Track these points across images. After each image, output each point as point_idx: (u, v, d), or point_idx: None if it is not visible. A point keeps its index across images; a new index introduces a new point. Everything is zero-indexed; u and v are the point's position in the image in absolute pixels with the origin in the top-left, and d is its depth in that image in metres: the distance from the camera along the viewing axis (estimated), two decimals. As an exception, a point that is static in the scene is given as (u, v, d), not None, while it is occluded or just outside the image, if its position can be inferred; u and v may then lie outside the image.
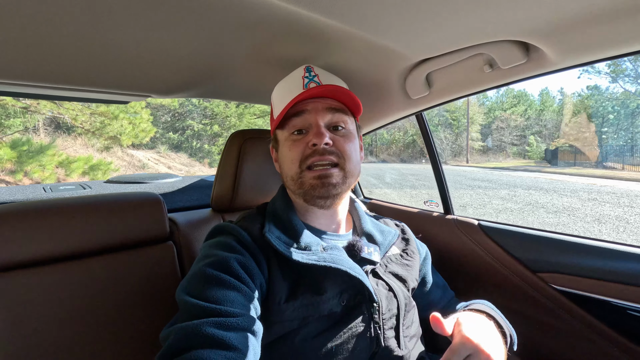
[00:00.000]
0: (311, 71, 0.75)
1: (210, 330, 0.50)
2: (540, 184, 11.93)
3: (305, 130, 0.72)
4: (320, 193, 0.69)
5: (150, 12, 0.60)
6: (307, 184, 0.69)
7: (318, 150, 0.68)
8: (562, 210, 7.86)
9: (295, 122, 0.71)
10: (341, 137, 0.72)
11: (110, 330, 0.81)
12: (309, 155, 0.69)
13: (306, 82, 0.73)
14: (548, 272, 0.96)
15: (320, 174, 0.68)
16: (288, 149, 0.72)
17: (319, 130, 0.69)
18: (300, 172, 0.70)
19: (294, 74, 0.77)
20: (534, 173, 16.22)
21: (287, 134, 0.73)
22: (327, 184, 0.68)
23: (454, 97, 0.98)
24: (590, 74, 21.14)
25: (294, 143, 0.71)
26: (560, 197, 9.33)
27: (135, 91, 1.05)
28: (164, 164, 12.79)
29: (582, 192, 10.06)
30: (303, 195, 0.72)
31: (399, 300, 0.70)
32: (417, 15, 0.61)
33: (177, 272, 0.93)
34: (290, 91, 0.73)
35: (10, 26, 0.62)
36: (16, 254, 0.75)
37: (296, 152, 0.70)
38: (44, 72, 0.85)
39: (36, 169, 6.22)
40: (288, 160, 0.72)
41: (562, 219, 7.07)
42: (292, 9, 0.59)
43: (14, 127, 7.86)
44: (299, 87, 0.73)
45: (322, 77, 0.75)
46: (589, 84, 30.57)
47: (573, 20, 0.60)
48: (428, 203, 1.36)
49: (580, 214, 7.50)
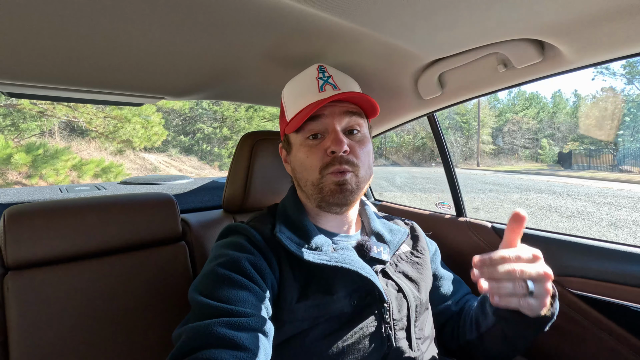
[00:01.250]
0: (325, 71, 0.73)
1: (222, 330, 0.50)
2: (553, 188, 11.72)
3: (321, 135, 0.70)
4: (338, 200, 0.68)
5: (164, 15, 0.61)
6: (327, 189, 0.68)
7: (337, 158, 0.67)
8: (576, 214, 7.70)
9: (312, 126, 0.69)
10: (357, 142, 0.71)
11: (124, 328, 0.81)
12: (329, 163, 0.68)
13: (321, 84, 0.71)
14: (564, 275, 0.93)
15: (339, 180, 0.68)
16: (305, 155, 0.70)
17: (338, 137, 0.67)
18: (321, 177, 0.69)
19: (306, 73, 0.75)
20: (547, 176, 15.94)
21: (302, 138, 0.71)
22: (344, 190, 0.68)
23: (467, 97, 0.96)
24: (604, 76, 20.71)
25: (311, 149, 0.70)
26: (574, 201, 9.15)
27: (148, 93, 1.07)
28: (175, 167, 12.96)
29: (598, 196, 9.85)
30: (319, 201, 0.71)
31: (408, 301, 0.69)
32: (430, 14, 0.61)
33: (189, 271, 0.94)
34: (304, 93, 0.72)
35: (27, 30, 0.64)
36: (33, 252, 0.76)
37: (315, 159, 0.69)
38: (59, 75, 0.87)
39: (50, 173, 6.35)
40: (307, 167, 0.70)
41: (576, 224, 6.93)
42: (304, 9, 0.59)
43: (30, 130, 8.06)
44: (314, 89, 0.71)
45: (337, 78, 0.73)
46: (604, 85, 29.95)
47: (591, 17, 0.59)
48: (440, 205, 1.35)
49: (595, 218, 7.34)
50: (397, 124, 1.26)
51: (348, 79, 0.76)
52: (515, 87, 0.86)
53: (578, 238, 0.95)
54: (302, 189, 0.74)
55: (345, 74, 0.77)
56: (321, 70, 0.73)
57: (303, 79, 0.75)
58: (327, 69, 0.74)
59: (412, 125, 23.57)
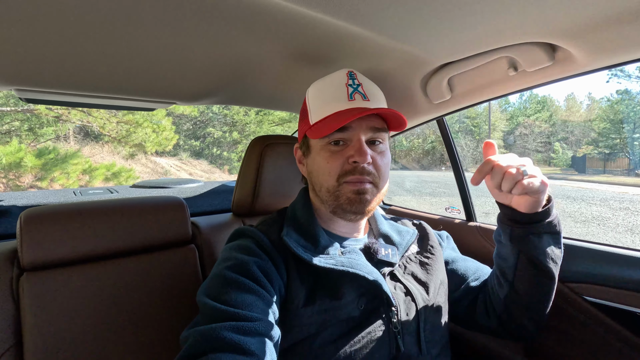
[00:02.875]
0: (355, 78, 0.71)
1: (228, 334, 0.50)
2: (567, 192, 11.47)
3: (344, 142, 0.69)
4: (355, 208, 0.68)
5: (176, 21, 0.63)
6: (344, 197, 0.68)
7: (358, 168, 0.67)
8: (591, 219, 7.51)
9: (337, 135, 0.68)
10: (378, 154, 0.70)
11: (134, 330, 0.83)
12: (349, 172, 0.67)
13: (350, 92, 0.69)
14: (577, 282, 0.91)
15: (359, 189, 0.67)
16: (325, 160, 0.69)
17: (362, 148, 0.66)
18: (338, 185, 0.68)
19: (335, 77, 0.73)
20: (560, 181, 15.63)
21: (324, 143, 0.70)
22: (363, 200, 0.67)
23: (476, 101, 0.96)
24: (619, 78, 20.28)
25: (333, 155, 0.69)
26: (589, 206, 8.93)
27: (160, 98, 1.09)
28: (186, 170, 13.12)
29: (613, 201, 9.60)
30: (334, 208, 0.70)
31: (417, 304, 0.69)
32: (439, 18, 0.61)
33: (198, 274, 0.95)
34: (333, 99, 0.70)
35: (44, 39, 0.66)
36: (48, 254, 0.78)
37: (335, 165, 0.68)
38: (74, 81, 0.89)
39: (60, 177, 6.45)
40: (325, 172, 0.69)
41: (591, 229, 6.76)
42: (316, 16, 0.60)
43: (47, 135, 8.27)
44: (343, 96, 0.69)
45: (366, 87, 0.71)
46: (619, 88, 29.35)
47: (601, 20, 0.58)
48: (450, 210, 1.33)
49: (611, 223, 7.15)
50: (406, 127, 1.25)
51: (376, 89, 0.75)
52: (526, 90, 0.85)
53: (592, 244, 0.93)
54: (317, 193, 0.74)
55: (373, 83, 0.75)
56: (351, 77, 0.71)
57: (331, 82, 0.73)
58: (357, 76, 0.72)
59: (422, 129, 23.40)
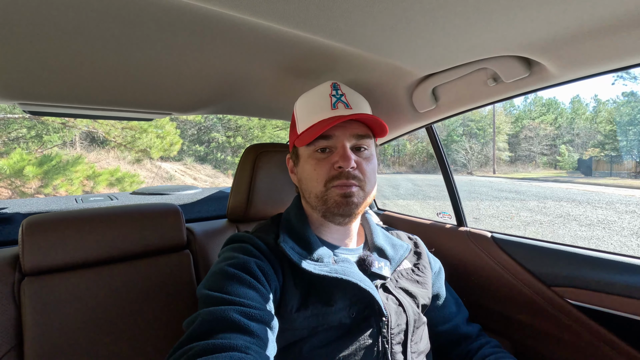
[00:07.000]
0: (338, 89, 0.75)
1: (236, 316, 0.52)
2: (572, 195, 11.39)
3: (329, 149, 0.72)
4: (343, 211, 0.70)
5: (173, 39, 0.67)
6: (332, 201, 0.70)
7: (343, 173, 0.69)
8: (596, 223, 7.44)
9: (322, 143, 0.71)
10: (364, 159, 0.72)
11: (129, 334, 0.85)
12: (335, 177, 0.70)
13: (334, 102, 0.73)
14: (564, 286, 0.93)
15: (345, 192, 0.69)
16: (312, 167, 0.72)
17: (346, 153, 0.69)
18: (325, 190, 0.71)
19: (320, 89, 0.76)
20: (566, 184, 15.50)
21: (311, 151, 0.73)
22: (350, 203, 0.69)
23: (460, 110, 0.99)
24: (625, 80, 20.11)
25: (319, 162, 0.71)
26: (594, 209, 8.86)
27: (158, 109, 1.14)
28: (190, 175, 13.20)
29: (619, 204, 9.51)
30: (324, 212, 0.72)
31: (408, 316, 0.70)
32: (420, 33, 0.64)
33: (192, 279, 0.98)
34: (317, 109, 0.73)
35: (46, 55, 0.71)
36: (48, 260, 0.81)
37: (322, 171, 0.71)
38: (75, 94, 0.94)
39: (63, 184, 6.46)
40: (312, 179, 0.72)
41: (596, 233, 6.70)
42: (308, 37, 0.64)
43: (53, 141, 8.39)
44: (327, 105, 0.73)
45: (349, 96, 0.75)
46: (625, 90, 29.06)
47: (570, 35, 0.61)
48: (441, 215, 1.36)
49: (616, 227, 7.08)
50: (395, 136, 1.29)
51: (360, 98, 0.78)
52: (506, 100, 0.88)
53: (578, 249, 0.94)
54: (307, 200, 0.76)
55: (357, 93, 0.78)
56: (335, 88, 0.75)
57: (316, 94, 0.76)
58: (341, 87, 0.75)
59: (424, 134, 23.34)
